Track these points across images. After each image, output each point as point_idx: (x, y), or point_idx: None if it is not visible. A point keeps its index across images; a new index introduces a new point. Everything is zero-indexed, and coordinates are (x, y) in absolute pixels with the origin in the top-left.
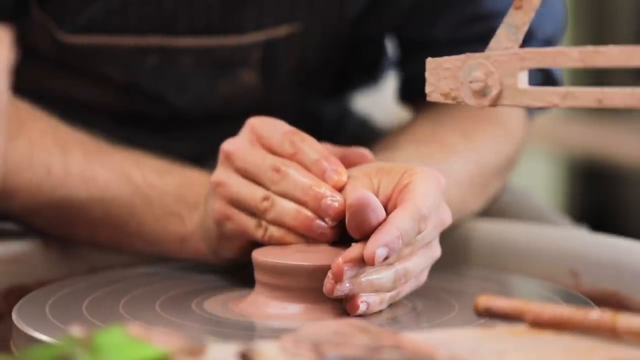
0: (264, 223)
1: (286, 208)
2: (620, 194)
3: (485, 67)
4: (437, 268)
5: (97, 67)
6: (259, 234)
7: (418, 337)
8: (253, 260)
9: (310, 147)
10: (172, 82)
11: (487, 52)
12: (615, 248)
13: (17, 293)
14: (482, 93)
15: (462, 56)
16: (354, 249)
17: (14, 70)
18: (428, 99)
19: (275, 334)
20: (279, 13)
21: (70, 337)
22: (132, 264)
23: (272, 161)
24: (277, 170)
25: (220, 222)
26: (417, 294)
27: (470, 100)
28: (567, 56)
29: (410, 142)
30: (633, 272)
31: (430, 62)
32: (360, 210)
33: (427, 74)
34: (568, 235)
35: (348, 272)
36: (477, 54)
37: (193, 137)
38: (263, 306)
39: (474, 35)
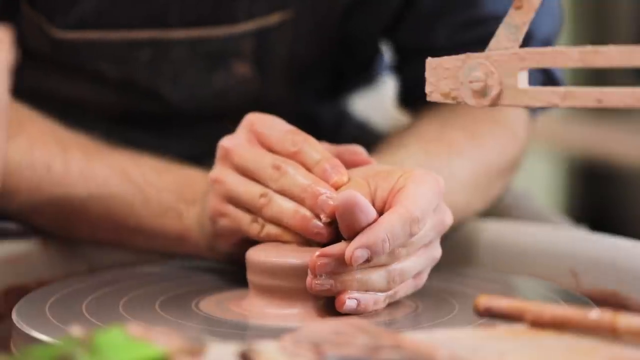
0: (260, 220)
1: (284, 206)
2: (620, 194)
3: (485, 67)
4: (437, 268)
5: (91, 63)
6: (253, 230)
7: (418, 337)
8: (246, 261)
9: (312, 147)
10: (166, 75)
11: (487, 52)
12: (615, 248)
13: (17, 293)
14: (482, 93)
15: (462, 56)
16: (335, 246)
17: (14, 71)
18: (428, 98)
19: (274, 334)
20: (270, 1)
21: (70, 337)
22: (131, 264)
23: (272, 159)
24: (277, 168)
25: (215, 218)
26: (418, 294)
27: (470, 100)
28: (567, 56)
29: (416, 142)
30: (633, 272)
31: (431, 62)
32: (348, 210)
33: (427, 74)
34: (568, 236)
35: (326, 267)
36: (477, 54)
37: (190, 136)
38: (260, 306)
39: (474, 39)
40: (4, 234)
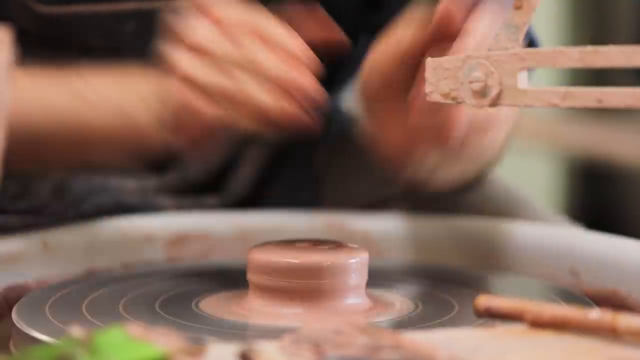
0: (223, 104)
1: (253, 91)
2: (620, 194)
3: (485, 67)
4: (437, 267)
5: (77, 36)
6: (211, 110)
7: (418, 337)
8: (248, 261)
9: (271, 26)
10: (153, 46)
11: (487, 52)
12: (616, 247)
13: (17, 293)
14: (482, 93)
15: (462, 56)
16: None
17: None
18: (428, 99)
19: (274, 334)
20: None
21: (70, 337)
22: (131, 264)
23: (236, 42)
24: (244, 51)
25: (171, 104)
26: (418, 294)
27: (470, 101)
28: (567, 56)
29: None
30: (633, 271)
31: (431, 62)
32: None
33: (427, 74)
34: (568, 234)
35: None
36: (477, 54)
37: None
38: (260, 306)
39: None
40: (3, 233)
